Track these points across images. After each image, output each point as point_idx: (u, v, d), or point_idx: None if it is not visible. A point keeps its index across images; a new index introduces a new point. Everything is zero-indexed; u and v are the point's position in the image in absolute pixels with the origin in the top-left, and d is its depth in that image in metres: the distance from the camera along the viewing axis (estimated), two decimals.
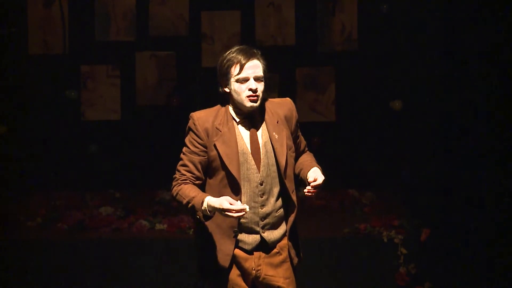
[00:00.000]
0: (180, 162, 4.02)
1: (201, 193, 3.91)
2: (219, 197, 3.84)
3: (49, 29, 7.57)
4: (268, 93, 4.06)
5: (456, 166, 6.70)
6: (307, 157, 4.20)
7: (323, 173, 4.00)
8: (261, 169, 3.99)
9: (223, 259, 4.00)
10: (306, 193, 3.94)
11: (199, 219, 3.91)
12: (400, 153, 7.33)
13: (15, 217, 6.84)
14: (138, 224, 6.65)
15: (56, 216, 6.85)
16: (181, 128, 4.15)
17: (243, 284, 4.05)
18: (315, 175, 3.95)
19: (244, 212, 3.75)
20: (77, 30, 7.58)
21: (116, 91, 7.65)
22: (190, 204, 3.90)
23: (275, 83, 7.46)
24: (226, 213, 3.76)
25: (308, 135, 4.40)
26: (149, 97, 7.66)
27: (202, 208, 3.85)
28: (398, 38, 7.35)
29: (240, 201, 3.93)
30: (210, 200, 3.83)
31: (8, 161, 7.36)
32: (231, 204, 3.75)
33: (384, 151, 7.41)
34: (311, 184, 3.92)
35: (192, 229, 6.22)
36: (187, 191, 3.93)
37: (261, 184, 4.00)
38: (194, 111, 4.05)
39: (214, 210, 3.82)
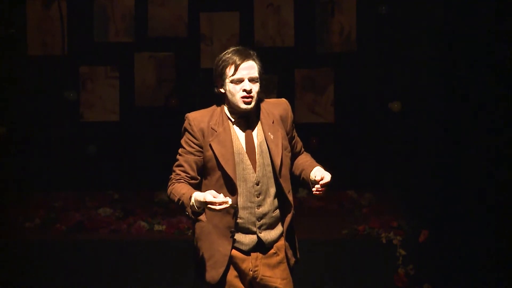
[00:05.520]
0: (176, 163, 4.02)
1: (191, 190, 3.91)
2: None
3: (48, 30, 7.56)
4: (267, 94, 4.06)
5: (454, 167, 6.70)
6: (305, 158, 4.20)
7: (329, 173, 3.99)
8: (257, 169, 3.99)
9: (221, 260, 4.00)
10: (314, 192, 3.94)
11: (189, 216, 3.91)
12: (399, 154, 7.32)
13: (14, 218, 6.83)
14: (136, 225, 6.66)
15: (55, 217, 6.85)
16: (180, 129, 4.15)
17: (240, 285, 4.04)
18: (322, 174, 3.95)
19: (227, 205, 3.74)
20: (76, 31, 7.58)
21: (115, 92, 7.65)
22: (180, 201, 3.91)
23: (274, 84, 7.46)
24: (209, 206, 3.76)
25: (307, 136, 4.40)
26: (148, 98, 7.65)
27: (190, 203, 3.86)
28: (397, 39, 7.35)
29: (237, 201, 3.94)
30: (197, 195, 3.84)
31: (7, 162, 7.35)
32: (214, 197, 3.76)
33: (383, 152, 7.41)
34: (320, 182, 3.91)
35: (191, 230, 6.22)
36: (178, 189, 3.94)
37: (257, 184, 4.00)
38: (192, 112, 4.06)
39: (201, 205, 3.82)
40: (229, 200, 3.76)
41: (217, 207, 3.75)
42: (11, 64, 7.42)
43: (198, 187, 4.01)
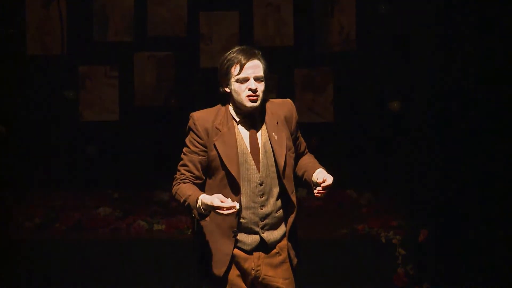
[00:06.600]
0: (181, 162, 4.03)
1: (197, 191, 3.91)
2: None
3: (47, 29, 7.56)
4: (267, 94, 4.06)
5: (454, 167, 6.70)
6: (309, 159, 4.21)
7: (329, 173, 3.99)
8: (260, 170, 3.99)
9: (223, 259, 4.00)
10: (316, 194, 3.94)
11: (194, 218, 3.91)
12: (399, 154, 7.32)
13: (14, 217, 6.83)
14: (136, 224, 6.66)
15: (54, 216, 6.85)
16: (180, 128, 4.15)
17: (242, 284, 4.05)
18: (324, 176, 3.95)
19: (234, 210, 3.75)
20: (76, 31, 7.58)
21: (114, 91, 7.65)
22: (186, 203, 3.91)
23: (274, 84, 7.45)
24: (217, 210, 3.77)
25: (307, 135, 4.40)
26: (148, 97, 7.65)
27: (197, 206, 3.86)
28: (396, 38, 7.35)
29: (240, 201, 3.94)
30: (204, 198, 3.84)
31: (6, 162, 7.35)
32: (222, 201, 3.76)
33: (382, 152, 7.41)
34: (322, 185, 3.92)
35: (190, 230, 6.22)
36: (184, 189, 3.94)
37: (261, 185, 4.00)
38: (192, 111, 4.05)
39: (207, 208, 3.83)
40: (237, 205, 3.76)
41: (225, 212, 3.76)
42: (10, 64, 7.41)
43: (202, 187, 4.02)
